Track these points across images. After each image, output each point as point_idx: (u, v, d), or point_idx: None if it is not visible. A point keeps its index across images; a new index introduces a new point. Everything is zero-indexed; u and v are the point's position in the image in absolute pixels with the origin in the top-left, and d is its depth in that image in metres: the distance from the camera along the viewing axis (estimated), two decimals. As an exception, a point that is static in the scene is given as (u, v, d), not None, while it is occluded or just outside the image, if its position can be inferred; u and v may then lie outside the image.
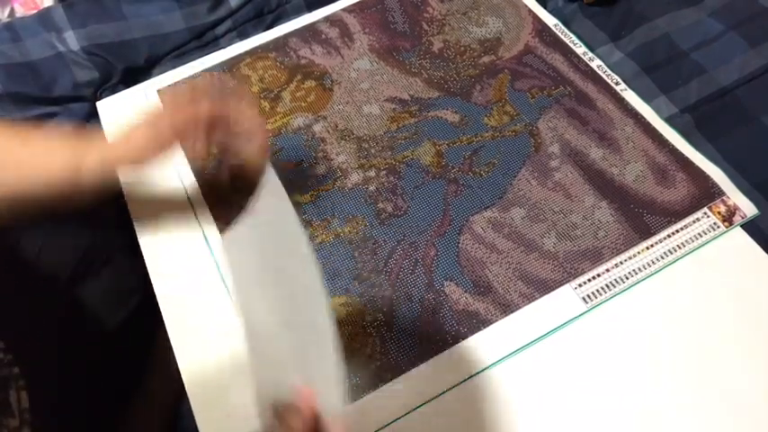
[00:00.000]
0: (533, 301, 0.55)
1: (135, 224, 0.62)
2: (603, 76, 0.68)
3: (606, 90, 0.67)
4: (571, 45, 0.71)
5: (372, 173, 0.64)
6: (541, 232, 0.58)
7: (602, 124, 0.65)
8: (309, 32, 0.76)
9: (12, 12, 0.85)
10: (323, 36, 0.75)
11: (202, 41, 0.80)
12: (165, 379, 0.68)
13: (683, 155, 0.62)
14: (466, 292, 0.55)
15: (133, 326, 0.67)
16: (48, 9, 0.77)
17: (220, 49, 0.77)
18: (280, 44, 0.75)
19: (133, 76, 0.77)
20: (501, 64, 0.71)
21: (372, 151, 0.65)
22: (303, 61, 0.73)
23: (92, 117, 0.76)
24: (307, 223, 0.61)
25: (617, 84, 0.67)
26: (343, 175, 0.64)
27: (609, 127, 0.64)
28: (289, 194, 0.62)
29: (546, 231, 0.58)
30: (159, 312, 0.56)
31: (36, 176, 0.48)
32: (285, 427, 0.35)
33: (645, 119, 0.65)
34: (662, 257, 0.56)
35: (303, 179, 0.64)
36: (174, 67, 0.75)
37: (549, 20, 0.74)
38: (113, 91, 0.74)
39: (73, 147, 0.48)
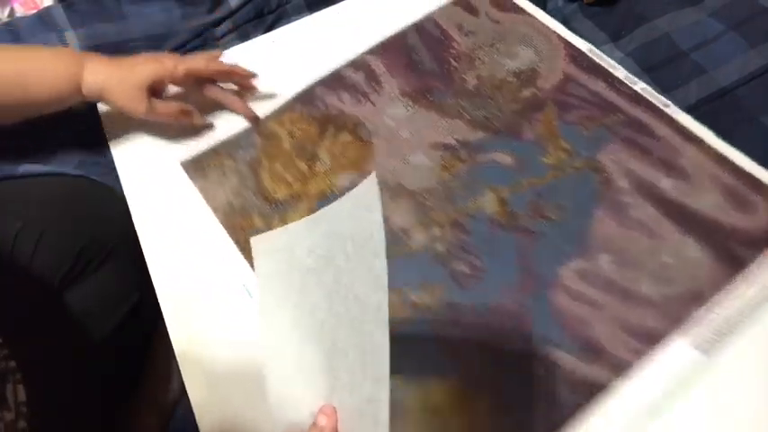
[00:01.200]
0: (645, 355, 0.51)
1: (135, 223, 0.61)
2: (651, 99, 0.66)
3: (658, 114, 0.65)
4: (610, 69, 0.68)
5: (436, 231, 0.59)
6: (634, 278, 0.55)
7: (663, 151, 0.62)
8: (334, 79, 0.70)
9: (12, 11, 0.85)
10: (348, 82, 0.70)
11: (202, 42, 0.80)
12: (165, 379, 0.72)
13: (754, 176, 0.60)
14: (573, 356, 0.51)
15: (131, 325, 0.67)
16: (48, 9, 0.76)
17: (220, 49, 0.75)
18: (306, 96, 0.69)
19: None
20: (543, 96, 0.67)
21: (430, 206, 0.60)
22: (333, 111, 0.68)
23: (92, 117, 0.74)
24: (378, 296, 0.55)
25: (666, 106, 0.65)
26: (405, 236, 0.59)
27: (671, 154, 0.62)
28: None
29: (639, 276, 0.55)
30: (158, 312, 0.55)
31: (42, 90, 0.56)
32: None
33: (705, 142, 0.63)
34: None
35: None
36: None
37: (582, 45, 0.71)
38: None
39: (73, 63, 0.57)
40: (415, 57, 0.72)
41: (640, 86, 0.67)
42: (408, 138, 0.65)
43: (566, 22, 0.75)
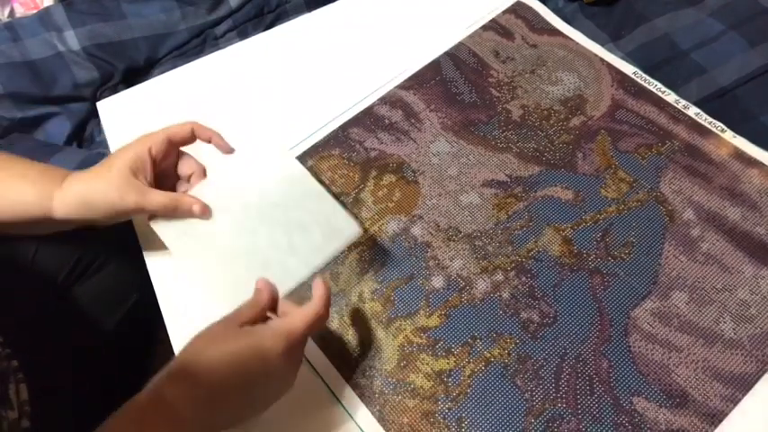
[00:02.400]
0: (738, 402, 0.48)
1: (135, 225, 0.60)
2: (706, 125, 0.63)
3: (715, 140, 0.62)
4: (659, 93, 0.66)
5: (500, 276, 0.56)
6: (714, 317, 0.52)
7: (726, 179, 0.60)
8: (369, 119, 0.67)
9: (12, 11, 0.87)
10: (386, 121, 0.67)
11: (202, 41, 0.81)
12: None
13: (823, 200, 0.58)
14: (661, 406, 0.48)
15: (132, 324, 0.67)
16: (48, 9, 0.77)
17: (220, 49, 0.75)
18: (340, 138, 0.66)
19: (134, 76, 0.78)
20: (594, 124, 0.65)
21: (490, 249, 0.57)
22: (373, 153, 0.65)
23: (92, 117, 0.78)
24: (446, 351, 0.52)
25: (723, 131, 0.63)
26: (466, 284, 0.56)
27: (734, 181, 0.59)
28: (412, 318, 0.54)
29: (719, 315, 0.52)
30: (159, 312, 0.55)
31: (6, 209, 0.48)
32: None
33: (766, 165, 0.60)
34: None
35: (422, 297, 0.55)
36: (175, 67, 0.73)
37: (626, 68, 0.69)
38: (114, 91, 0.74)
39: (44, 183, 0.49)
40: (453, 89, 0.69)
41: (693, 111, 0.64)
42: (457, 175, 0.62)
43: (566, 22, 0.73)
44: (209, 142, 0.52)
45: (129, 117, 0.69)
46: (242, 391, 0.39)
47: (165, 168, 0.52)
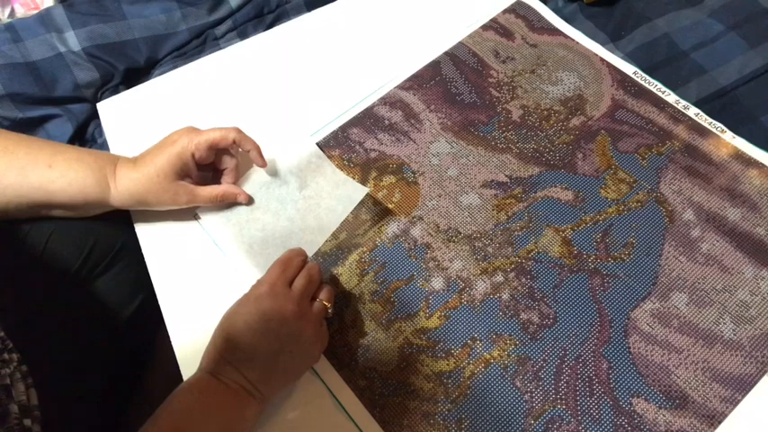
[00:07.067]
0: (737, 404, 0.48)
1: (135, 225, 0.60)
2: (706, 125, 0.63)
3: (715, 140, 0.62)
4: (659, 93, 0.66)
5: (499, 277, 0.56)
6: (714, 318, 0.52)
7: (726, 179, 0.60)
8: (369, 119, 0.67)
9: (12, 12, 0.86)
10: (386, 122, 0.67)
11: (203, 41, 0.81)
12: (166, 378, 0.69)
13: (824, 200, 0.58)
14: (660, 407, 0.48)
15: (136, 325, 0.67)
16: (48, 9, 0.77)
17: (220, 49, 0.76)
18: (340, 138, 0.66)
19: (134, 76, 0.78)
20: (594, 125, 0.64)
21: (489, 250, 0.57)
22: (373, 154, 0.65)
23: (93, 118, 0.77)
24: (446, 353, 0.52)
25: (723, 132, 0.62)
26: (466, 285, 0.56)
27: (734, 181, 0.59)
28: (411, 320, 0.54)
29: (718, 316, 0.52)
30: (160, 312, 0.56)
31: (65, 197, 0.53)
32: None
33: (766, 166, 0.60)
34: None
35: (422, 298, 0.55)
36: (175, 68, 0.74)
37: (627, 68, 0.68)
38: (115, 92, 0.74)
39: (100, 169, 0.54)
40: (453, 89, 0.69)
41: (693, 111, 0.64)
42: (457, 176, 0.62)
43: (566, 21, 0.74)
44: (248, 152, 0.57)
45: (129, 118, 0.69)
46: (265, 341, 0.45)
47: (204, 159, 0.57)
